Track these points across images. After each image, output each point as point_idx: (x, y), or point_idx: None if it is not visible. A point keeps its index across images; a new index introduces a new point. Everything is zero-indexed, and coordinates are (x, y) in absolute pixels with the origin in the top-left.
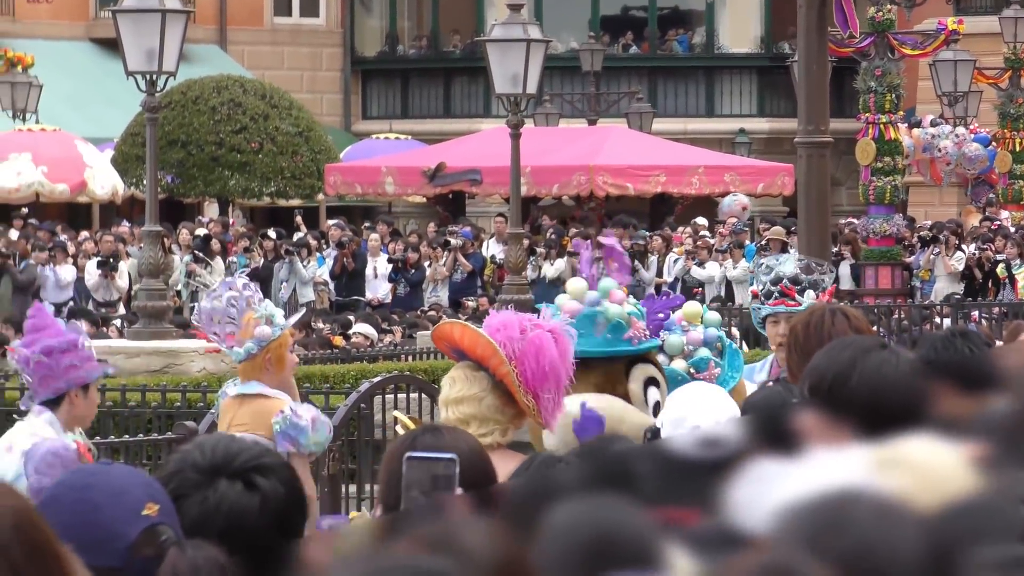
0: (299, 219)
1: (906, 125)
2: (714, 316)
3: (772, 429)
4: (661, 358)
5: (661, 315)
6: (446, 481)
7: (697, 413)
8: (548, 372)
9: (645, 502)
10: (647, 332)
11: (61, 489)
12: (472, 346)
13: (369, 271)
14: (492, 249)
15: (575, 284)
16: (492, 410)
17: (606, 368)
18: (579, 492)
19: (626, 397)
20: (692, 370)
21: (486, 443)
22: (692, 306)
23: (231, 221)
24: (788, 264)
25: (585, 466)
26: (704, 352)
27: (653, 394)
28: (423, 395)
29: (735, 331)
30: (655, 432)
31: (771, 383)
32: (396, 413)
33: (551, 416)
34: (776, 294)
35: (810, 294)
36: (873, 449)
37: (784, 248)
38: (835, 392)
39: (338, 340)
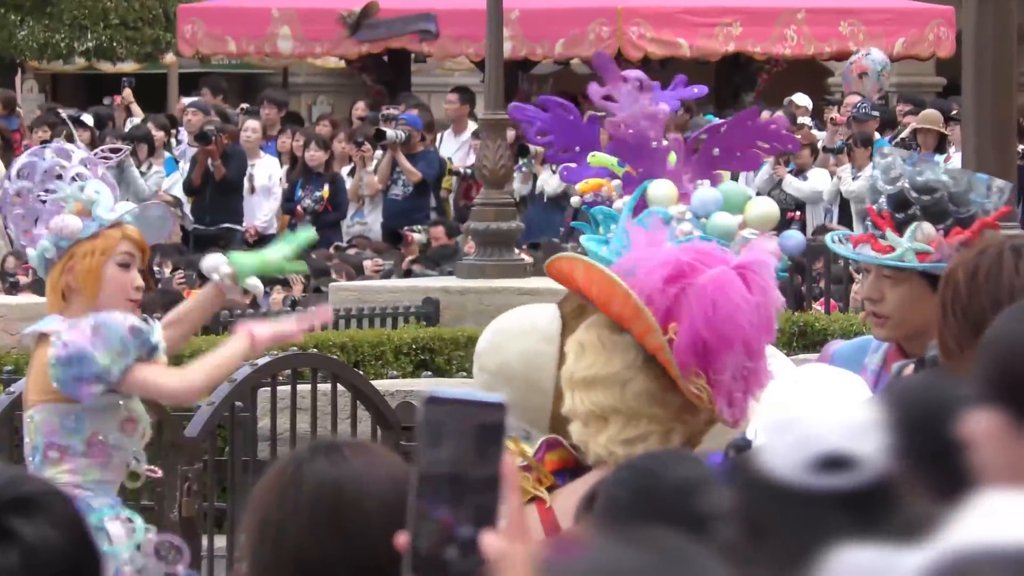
0: (127, 93)
1: None
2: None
3: (925, 443)
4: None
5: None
6: (493, 436)
7: (816, 414)
8: (729, 337)
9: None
10: None
11: None
12: (605, 299)
13: (248, 183)
14: (452, 146)
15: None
16: (644, 400)
17: None
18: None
19: None
20: None
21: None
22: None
23: (15, 96)
24: (930, 172)
25: (632, 509)
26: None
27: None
28: (338, 386)
29: (856, 279)
30: (743, 445)
31: (910, 366)
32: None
33: (739, 408)
34: (867, 227)
35: (923, 229)
36: None
37: (940, 144)
38: None
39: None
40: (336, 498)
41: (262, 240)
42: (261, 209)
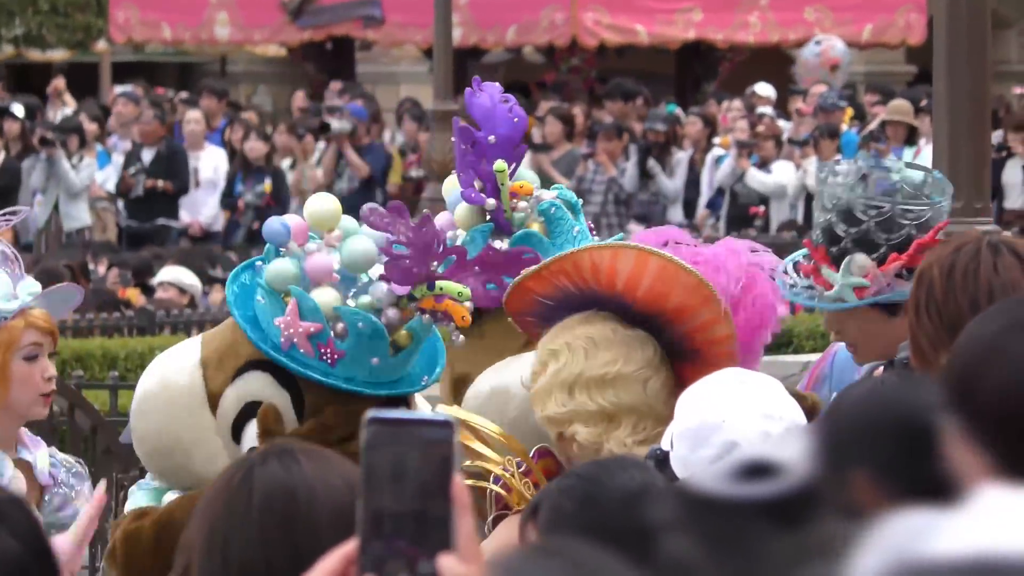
0: (59, 84)
1: None
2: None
3: (885, 453)
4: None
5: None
6: (440, 465)
7: (734, 419)
8: (763, 334)
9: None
10: None
11: None
12: (663, 290)
13: (192, 176)
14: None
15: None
16: (659, 399)
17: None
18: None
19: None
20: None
21: (645, 454)
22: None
23: None
24: (901, 172)
25: (575, 519)
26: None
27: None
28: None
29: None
30: (661, 457)
31: (880, 368)
32: (442, 407)
33: None
34: (805, 256)
35: (856, 262)
36: None
37: (910, 137)
38: (963, 392)
39: (132, 295)
40: (288, 505)
41: (208, 237)
42: (206, 204)
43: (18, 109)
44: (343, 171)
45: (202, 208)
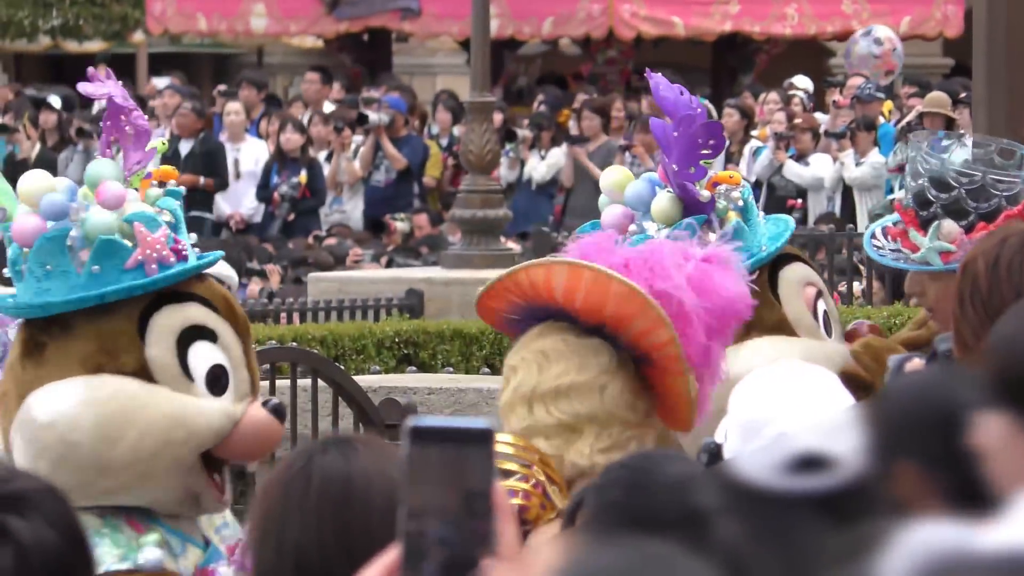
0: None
1: None
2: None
3: (933, 447)
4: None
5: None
6: (481, 472)
7: (785, 411)
8: (721, 330)
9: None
10: None
11: None
12: (597, 300)
13: (233, 168)
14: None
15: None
16: (621, 404)
17: None
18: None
19: None
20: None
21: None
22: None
23: None
24: (956, 156)
25: (624, 508)
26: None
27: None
28: (319, 381)
29: (862, 272)
30: (715, 449)
31: (916, 359)
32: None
33: (704, 408)
34: (895, 222)
35: (944, 228)
36: None
37: (948, 128)
38: None
39: None
40: (344, 492)
41: (248, 229)
42: (247, 196)
43: (55, 100)
44: (380, 163)
45: (243, 199)
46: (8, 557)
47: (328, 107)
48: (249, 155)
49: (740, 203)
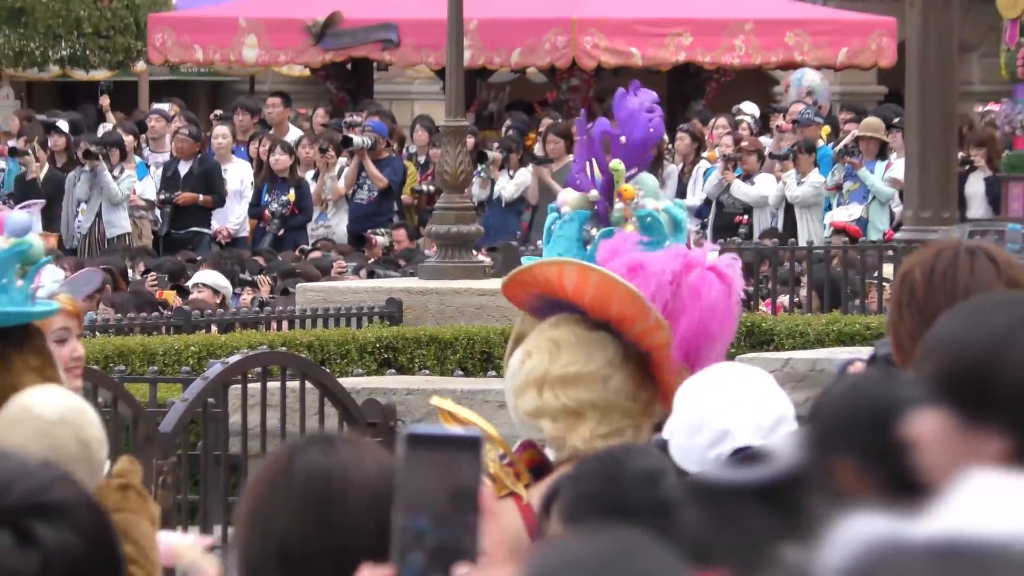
0: (105, 101)
1: None
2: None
3: (868, 442)
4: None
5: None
6: (471, 477)
7: (727, 412)
8: (714, 333)
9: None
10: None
11: None
12: (603, 299)
13: (223, 190)
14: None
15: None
16: (622, 395)
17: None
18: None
19: None
20: None
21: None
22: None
23: None
24: None
25: (598, 499)
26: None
27: None
28: (306, 383)
29: (802, 283)
30: (661, 445)
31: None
32: (435, 399)
33: None
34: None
35: None
36: None
37: (881, 151)
38: (976, 382)
39: (169, 296)
40: (325, 486)
41: (235, 242)
42: (233, 212)
43: (63, 124)
44: (363, 182)
45: (229, 216)
46: (33, 562)
47: (294, 131)
48: (235, 175)
49: (648, 220)
